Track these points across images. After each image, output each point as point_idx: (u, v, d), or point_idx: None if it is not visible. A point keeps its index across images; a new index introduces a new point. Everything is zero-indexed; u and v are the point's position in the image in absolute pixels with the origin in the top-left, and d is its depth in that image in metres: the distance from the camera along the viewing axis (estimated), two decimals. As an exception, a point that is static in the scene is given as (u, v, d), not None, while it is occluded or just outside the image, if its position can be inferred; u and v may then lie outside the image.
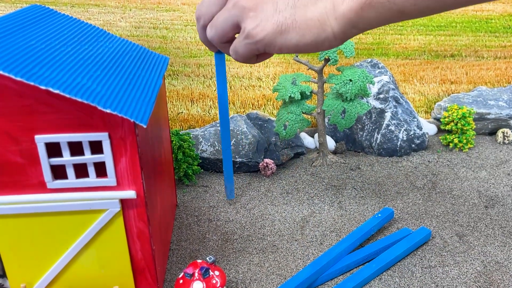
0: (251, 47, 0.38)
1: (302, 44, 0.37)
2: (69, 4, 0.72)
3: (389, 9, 0.33)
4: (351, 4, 0.34)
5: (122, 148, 0.40)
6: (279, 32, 0.36)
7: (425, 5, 0.32)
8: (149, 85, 0.46)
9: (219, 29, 0.39)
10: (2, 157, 0.39)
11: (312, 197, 0.67)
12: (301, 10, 0.36)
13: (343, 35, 0.36)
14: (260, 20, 0.37)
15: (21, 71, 0.36)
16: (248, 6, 0.37)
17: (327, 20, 0.35)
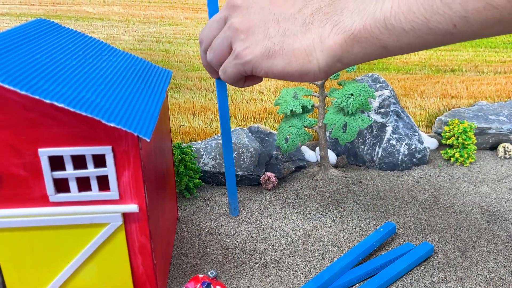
0: (239, 68, 0.40)
1: (286, 72, 0.38)
2: (73, 18, 0.73)
3: (372, 44, 0.35)
4: (336, 38, 0.35)
5: (125, 162, 0.40)
6: (266, 57, 0.38)
7: (407, 42, 0.33)
8: (152, 98, 0.46)
9: (216, 51, 0.41)
10: (5, 170, 0.39)
11: (314, 211, 0.66)
12: (290, 39, 0.37)
13: (328, 68, 0.37)
14: (250, 43, 0.38)
15: (26, 85, 0.36)
16: (240, 29, 0.39)
17: (313, 51, 0.37)
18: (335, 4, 0.37)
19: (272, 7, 0.39)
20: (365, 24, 0.34)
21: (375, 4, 0.34)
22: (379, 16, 0.33)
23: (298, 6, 0.38)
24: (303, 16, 0.37)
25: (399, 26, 0.33)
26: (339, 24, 0.36)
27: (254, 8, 0.39)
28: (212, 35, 0.42)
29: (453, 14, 0.30)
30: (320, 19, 0.37)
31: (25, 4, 0.74)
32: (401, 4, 0.32)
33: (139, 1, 0.77)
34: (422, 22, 0.32)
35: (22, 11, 0.74)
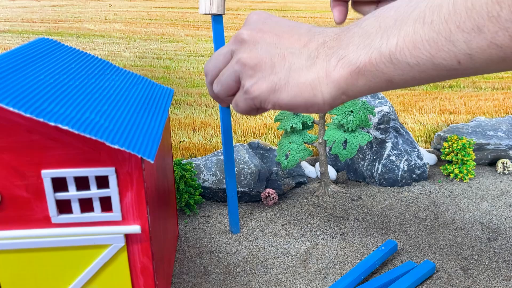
0: (249, 102, 0.41)
1: (292, 105, 0.39)
2: (75, 35, 0.73)
3: (377, 77, 0.35)
4: (341, 71, 0.36)
5: (128, 183, 0.40)
6: (273, 91, 0.39)
7: (412, 76, 0.34)
8: (155, 118, 0.46)
9: (224, 84, 0.42)
10: (8, 192, 0.39)
11: (315, 228, 0.66)
12: (295, 73, 0.38)
13: (332, 101, 0.38)
14: (258, 78, 0.39)
15: (31, 107, 0.36)
16: (248, 64, 0.39)
17: (318, 85, 0.38)
18: (340, 38, 0.37)
19: (279, 42, 0.39)
20: (371, 58, 0.35)
21: (380, 40, 0.34)
22: (384, 50, 0.34)
23: (303, 40, 0.39)
24: (308, 50, 0.38)
25: (404, 60, 0.33)
26: (344, 58, 0.36)
27: (261, 43, 0.40)
28: (218, 67, 0.43)
29: (457, 52, 0.31)
30: (326, 53, 0.37)
31: (26, 21, 0.74)
32: (406, 40, 0.33)
33: (140, 19, 0.77)
34: (427, 57, 0.32)
35: (24, 28, 0.75)
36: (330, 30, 0.40)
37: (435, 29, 0.31)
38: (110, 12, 0.75)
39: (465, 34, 0.30)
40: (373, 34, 0.35)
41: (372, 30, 0.36)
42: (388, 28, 0.34)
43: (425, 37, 0.32)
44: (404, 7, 0.34)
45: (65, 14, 0.73)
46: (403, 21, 0.33)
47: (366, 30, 0.36)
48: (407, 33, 0.33)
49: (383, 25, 0.35)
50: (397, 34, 0.33)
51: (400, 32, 0.33)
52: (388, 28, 0.34)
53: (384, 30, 0.35)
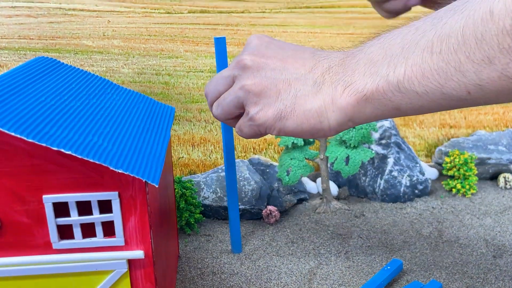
0: (254, 128, 0.40)
1: (298, 131, 0.39)
2: (73, 51, 0.72)
3: (385, 105, 0.35)
4: (348, 99, 0.36)
5: (131, 207, 0.39)
6: (279, 118, 0.39)
7: (420, 105, 0.34)
8: (158, 139, 0.45)
9: (225, 108, 0.42)
10: (8, 217, 0.38)
11: (318, 247, 0.65)
12: (301, 100, 0.38)
13: (339, 127, 0.38)
14: (263, 106, 0.39)
15: (33, 131, 0.35)
16: (253, 91, 0.39)
17: (324, 112, 0.37)
18: (345, 64, 0.37)
19: (283, 67, 0.39)
20: (378, 86, 0.34)
21: (387, 68, 0.34)
22: (392, 79, 0.33)
23: (308, 66, 0.38)
24: (314, 76, 0.38)
25: (413, 89, 0.33)
26: (351, 85, 0.36)
27: (264, 69, 0.39)
28: (218, 90, 0.43)
29: (467, 82, 0.30)
30: (331, 79, 0.37)
31: (23, 38, 0.73)
32: (414, 69, 0.32)
33: (139, 35, 0.77)
34: (436, 87, 0.32)
35: (20, 45, 0.74)
36: (334, 54, 0.39)
37: (444, 59, 0.31)
38: (108, 29, 0.74)
39: (475, 65, 0.30)
40: (379, 62, 0.35)
41: (378, 57, 0.35)
42: (394, 56, 0.34)
43: (434, 66, 0.31)
44: (411, 35, 0.33)
45: (63, 30, 0.73)
46: (410, 49, 0.33)
47: (371, 57, 0.36)
48: (415, 62, 0.32)
49: (389, 52, 0.34)
50: (405, 63, 0.33)
51: (407, 61, 0.33)
52: (395, 56, 0.34)
53: (391, 58, 0.34)
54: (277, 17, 0.81)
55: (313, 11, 0.82)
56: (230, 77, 0.42)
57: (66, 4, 0.73)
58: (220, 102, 0.42)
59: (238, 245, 0.64)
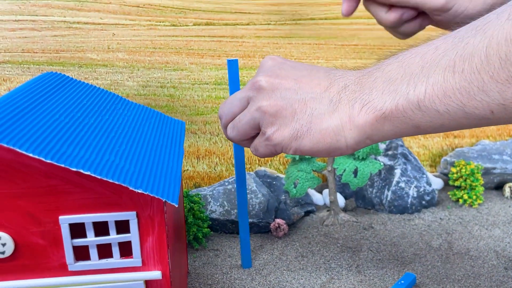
0: (270, 148, 0.40)
1: (314, 151, 0.39)
2: (77, 64, 0.72)
3: (404, 123, 0.35)
4: (366, 117, 0.36)
5: (149, 227, 0.38)
6: (295, 138, 0.38)
7: (441, 123, 0.34)
8: (172, 156, 0.45)
9: (241, 130, 0.41)
10: (23, 239, 0.37)
11: (329, 261, 0.65)
12: (317, 119, 0.38)
13: (356, 145, 0.38)
14: (279, 125, 0.39)
15: (50, 152, 0.34)
16: (269, 112, 0.39)
17: (341, 131, 0.37)
18: (362, 82, 0.37)
19: (298, 87, 0.39)
20: (397, 105, 0.34)
21: (407, 86, 0.34)
22: (412, 97, 0.33)
23: (324, 85, 0.38)
24: (330, 95, 0.37)
25: (434, 108, 0.33)
26: (369, 103, 0.35)
27: (279, 90, 0.39)
28: (233, 112, 0.42)
29: (491, 101, 0.30)
30: (348, 98, 0.37)
31: (27, 51, 0.73)
32: (435, 88, 0.32)
33: (144, 47, 0.76)
34: (458, 106, 0.32)
35: (24, 59, 0.73)
36: (350, 73, 0.39)
37: (466, 79, 0.31)
38: (113, 41, 0.73)
39: (499, 85, 0.29)
40: (398, 80, 0.35)
41: (396, 75, 0.35)
42: (414, 75, 0.34)
43: (456, 86, 0.31)
44: (431, 54, 0.33)
45: (67, 44, 0.72)
46: (430, 68, 0.33)
47: (389, 76, 0.35)
48: (436, 81, 0.32)
49: (408, 71, 0.34)
50: (425, 82, 0.33)
51: (428, 80, 0.33)
52: (415, 75, 0.34)
53: (410, 76, 0.34)
54: (282, 29, 0.81)
55: (317, 22, 0.82)
56: (245, 98, 0.41)
57: (71, 18, 0.72)
58: (235, 124, 0.42)
59: (248, 260, 0.63)
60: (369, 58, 0.85)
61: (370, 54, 0.85)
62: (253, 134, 0.42)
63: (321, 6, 0.82)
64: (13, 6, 0.71)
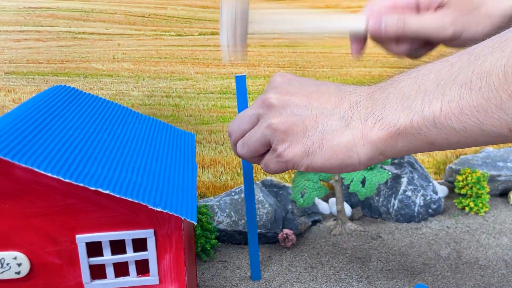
0: (281, 165, 0.40)
1: (326, 167, 0.38)
2: (82, 75, 0.71)
3: (419, 140, 0.35)
4: (379, 133, 0.35)
5: (167, 245, 0.38)
6: (306, 155, 0.38)
7: (457, 140, 0.33)
8: (186, 171, 0.44)
9: (251, 147, 0.41)
10: (39, 259, 0.37)
11: (338, 272, 0.64)
12: (329, 136, 0.37)
13: (369, 161, 0.38)
14: (291, 142, 0.39)
15: (68, 171, 0.34)
16: (280, 129, 0.39)
17: (354, 147, 0.37)
18: (374, 98, 0.36)
19: (309, 103, 0.38)
20: (412, 121, 0.34)
21: (421, 103, 0.33)
22: (427, 114, 0.33)
23: (335, 101, 0.38)
24: (341, 111, 0.37)
25: (450, 125, 0.32)
26: (382, 119, 0.35)
27: (290, 107, 0.39)
28: (243, 129, 0.42)
29: (509, 119, 0.30)
30: (360, 113, 0.37)
31: (32, 62, 0.72)
32: (451, 105, 0.32)
33: (149, 57, 0.76)
34: (475, 124, 0.31)
35: (29, 70, 0.72)
36: (361, 89, 0.39)
37: (484, 96, 0.30)
38: (118, 51, 0.73)
39: None
40: (412, 96, 0.34)
41: (410, 92, 0.35)
42: (429, 92, 0.33)
43: (473, 103, 0.31)
44: (446, 71, 0.33)
45: (73, 54, 0.71)
46: (446, 85, 0.32)
47: (403, 92, 0.35)
48: (452, 98, 0.32)
49: (422, 87, 0.34)
50: (441, 98, 0.32)
51: (444, 97, 0.32)
52: (430, 92, 0.33)
53: (425, 93, 0.34)
54: (287, 38, 0.81)
55: (322, 31, 0.82)
56: (255, 115, 0.41)
57: (76, 28, 0.72)
58: (245, 141, 0.42)
59: (257, 272, 0.63)
60: (373, 66, 0.86)
61: (375, 62, 0.85)
62: (263, 151, 0.42)
63: (326, 15, 0.82)
64: (18, 16, 0.70)
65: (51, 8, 0.71)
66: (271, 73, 0.81)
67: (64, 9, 0.71)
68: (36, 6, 0.70)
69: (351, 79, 0.85)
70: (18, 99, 0.72)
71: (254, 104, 0.42)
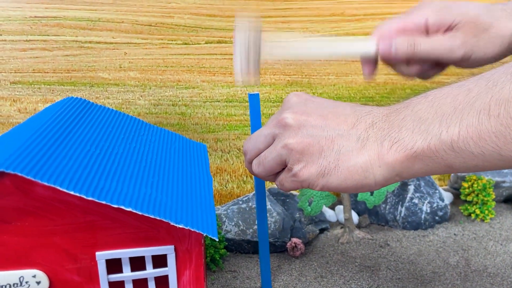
0: (296, 184, 0.40)
1: (342, 187, 0.39)
2: (88, 84, 0.71)
3: (436, 163, 0.35)
4: (396, 155, 0.36)
5: (187, 261, 0.38)
6: (322, 175, 0.38)
7: (475, 164, 0.34)
8: (203, 185, 0.44)
9: (267, 167, 0.41)
10: (58, 276, 0.36)
11: (348, 281, 0.64)
12: (345, 156, 0.38)
13: (385, 182, 0.38)
14: (306, 162, 0.39)
15: (90, 188, 0.33)
16: (296, 149, 0.39)
17: (370, 168, 0.37)
18: (391, 120, 0.37)
19: (325, 124, 0.39)
20: (429, 145, 0.34)
21: (439, 127, 0.34)
22: (445, 138, 0.33)
23: (351, 122, 0.38)
24: (357, 132, 0.38)
25: (468, 150, 0.33)
26: (398, 142, 0.36)
27: (306, 127, 0.39)
28: (258, 148, 0.42)
29: None
30: (376, 135, 0.37)
31: (38, 72, 0.72)
32: (469, 130, 0.32)
33: (156, 66, 0.76)
34: (493, 149, 0.32)
35: (35, 79, 0.72)
36: (376, 110, 0.39)
37: (502, 123, 0.31)
38: (125, 60, 0.73)
39: None
40: (429, 120, 0.35)
41: (427, 115, 0.35)
42: (446, 116, 0.34)
43: (492, 129, 0.31)
44: (463, 96, 0.33)
45: (79, 63, 0.71)
46: (464, 110, 0.33)
47: (420, 115, 0.35)
48: (470, 123, 0.32)
49: (439, 111, 0.34)
50: (459, 123, 0.33)
51: (462, 121, 0.33)
52: (447, 116, 0.34)
53: (442, 117, 0.34)
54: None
55: (328, 39, 0.82)
56: (270, 135, 0.42)
57: (83, 37, 0.71)
58: (261, 161, 0.42)
59: (268, 282, 0.62)
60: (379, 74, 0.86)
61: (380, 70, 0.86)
62: (279, 170, 0.42)
63: (332, 23, 0.82)
64: (24, 26, 0.70)
65: (58, 17, 0.71)
66: (277, 81, 0.81)
67: (70, 18, 0.71)
68: (42, 15, 0.70)
69: (356, 87, 0.85)
70: (24, 109, 0.72)
71: (269, 123, 0.43)
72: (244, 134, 0.82)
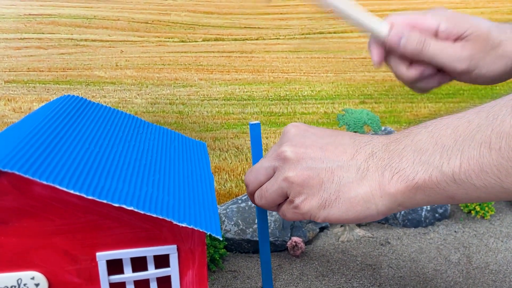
0: (298, 215, 0.40)
1: (343, 219, 0.38)
2: (84, 82, 0.70)
3: (438, 194, 0.35)
4: (397, 186, 0.36)
5: (189, 261, 0.37)
6: (323, 207, 0.38)
7: (477, 196, 0.33)
8: (204, 183, 0.43)
9: (269, 199, 0.42)
10: (57, 278, 0.35)
11: (350, 280, 0.64)
12: (345, 188, 0.37)
13: (388, 211, 0.38)
14: (307, 195, 0.39)
15: (90, 187, 0.32)
16: (296, 182, 0.39)
17: (371, 199, 0.37)
18: (391, 150, 0.37)
19: (324, 156, 0.39)
20: (431, 176, 0.34)
21: (440, 158, 0.34)
22: (446, 170, 0.33)
23: (350, 153, 0.38)
24: (357, 163, 0.37)
25: (470, 182, 0.33)
26: (399, 172, 0.35)
27: (305, 160, 0.39)
28: (260, 180, 0.43)
29: None
30: (376, 165, 0.37)
31: (33, 70, 0.70)
32: (471, 162, 0.32)
33: (152, 64, 0.75)
34: (496, 182, 0.32)
35: (30, 78, 0.71)
36: (376, 139, 0.39)
37: (504, 156, 0.30)
38: (121, 59, 0.72)
39: None
40: (429, 151, 0.34)
41: (427, 146, 0.35)
42: (447, 147, 0.33)
43: (493, 162, 0.31)
44: (464, 128, 0.33)
45: (74, 62, 0.70)
46: (465, 142, 0.33)
47: (420, 146, 0.35)
48: (471, 156, 0.32)
49: (440, 142, 0.34)
50: (460, 155, 0.32)
51: (463, 154, 0.32)
52: (448, 147, 0.33)
53: (443, 148, 0.34)
54: (291, 43, 0.80)
55: (326, 36, 0.81)
56: (271, 168, 0.42)
57: (78, 35, 0.70)
58: (262, 194, 0.42)
59: (269, 282, 0.62)
60: (377, 71, 0.85)
61: (378, 67, 0.85)
62: (281, 201, 0.42)
63: (330, 20, 0.81)
64: (18, 24, 0.68)
65: (52, 15, 0.69)
66: (276, 79, 0.80)
67: (65, 16, 0.70)
68: (37, 13, 0.69)
69: (355, 84, 0.85)
70: (18, 108, 0.70)
71: (269, 155, 0.43)
72: (242, 133, 0.81)
